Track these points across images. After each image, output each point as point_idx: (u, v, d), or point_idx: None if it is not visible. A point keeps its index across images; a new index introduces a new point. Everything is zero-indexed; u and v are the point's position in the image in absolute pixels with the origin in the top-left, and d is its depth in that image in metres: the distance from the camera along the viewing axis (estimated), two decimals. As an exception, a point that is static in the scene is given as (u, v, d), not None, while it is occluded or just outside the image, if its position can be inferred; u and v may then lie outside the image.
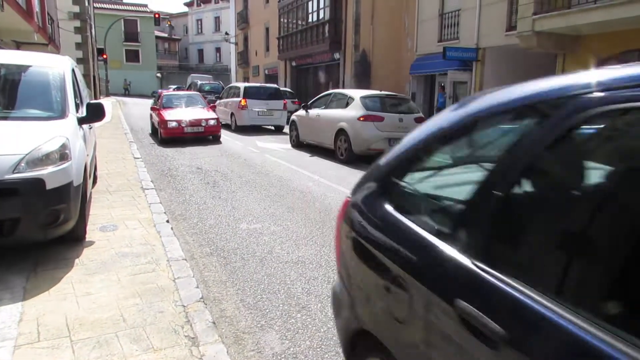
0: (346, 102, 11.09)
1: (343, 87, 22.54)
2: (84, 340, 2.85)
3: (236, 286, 3.90)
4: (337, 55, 24.18)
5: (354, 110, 10.54)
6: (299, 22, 27.26)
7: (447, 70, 17.35)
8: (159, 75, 51.89)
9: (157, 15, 36.06)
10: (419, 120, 10.59)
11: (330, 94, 12.26)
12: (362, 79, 22.44)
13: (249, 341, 3.08)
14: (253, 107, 16.49)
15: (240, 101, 16.47)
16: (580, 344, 1.04)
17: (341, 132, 10.74)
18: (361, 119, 10.24)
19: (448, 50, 16.02)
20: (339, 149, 10.87)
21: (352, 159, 10.49)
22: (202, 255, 4.59)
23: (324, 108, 11.90)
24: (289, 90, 25.23)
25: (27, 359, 2.64)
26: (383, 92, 11.50)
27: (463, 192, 1.55)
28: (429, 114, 20.00)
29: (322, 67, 27.08)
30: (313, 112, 12.23)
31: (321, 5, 24.67)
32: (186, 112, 13.28)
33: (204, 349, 2.81)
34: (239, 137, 15.11)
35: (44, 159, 3.80)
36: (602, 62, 12.56)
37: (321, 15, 24.81)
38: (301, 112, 12.87)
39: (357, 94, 11.07)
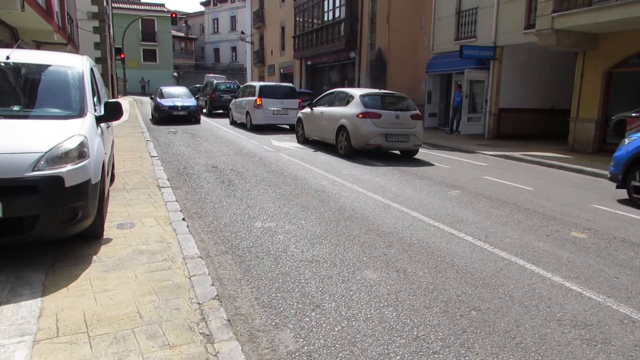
0: (347, 100, 11.55)
1: (359, 86, 22.47)
2: (102, 336, 2.88)
3: (251, 284, 3.92)
4: (352, 54, 24.11)
5: (354, 108, 11.02)
6: (315, 21, 27.24)
7: (464, 68, 17.18)
8: (175, 74, 52.36)
9: (174, 15, 36.40)
10: (415, 117, 11.14)
11: (333, 93, 12.77)
12: (378, 78, 22.32)
13: (264, 339, 3.09)
14: (268, 106, 16.57)
15: (256, 100, 16.55)
16: None
17: (342, 128, 11.24)
18: (360, 115, 10.73)
19: (465, 49, 15.86)
20: (340, 143, 11.38)
21: (350, 153, 11.03)
22: (217, 253, 4.61)
23: (327, 106, 12.39)
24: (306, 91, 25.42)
25: (46, 354, 2.68)
26: (382, 91, 12.03)
27: None
28: (446, 112, 19.85)
29: (337, 66, 27.04)
30: (317, 109, 12.71)
31: (337, 4, 24.63)
32: None
33: (219, 346, 2.83)
34: (254, 135, 15.19)
35: (63, 157, 3.85)
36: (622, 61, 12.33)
37: (337, 14, 24.77)
38: (307, 110, 13.35)
39: (357, 92, 11.52)
